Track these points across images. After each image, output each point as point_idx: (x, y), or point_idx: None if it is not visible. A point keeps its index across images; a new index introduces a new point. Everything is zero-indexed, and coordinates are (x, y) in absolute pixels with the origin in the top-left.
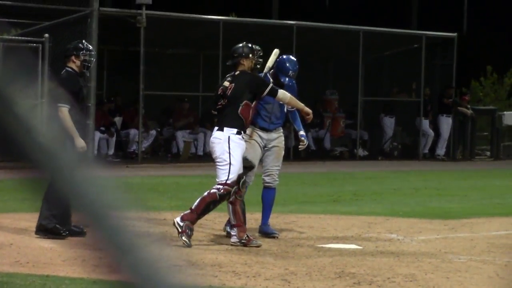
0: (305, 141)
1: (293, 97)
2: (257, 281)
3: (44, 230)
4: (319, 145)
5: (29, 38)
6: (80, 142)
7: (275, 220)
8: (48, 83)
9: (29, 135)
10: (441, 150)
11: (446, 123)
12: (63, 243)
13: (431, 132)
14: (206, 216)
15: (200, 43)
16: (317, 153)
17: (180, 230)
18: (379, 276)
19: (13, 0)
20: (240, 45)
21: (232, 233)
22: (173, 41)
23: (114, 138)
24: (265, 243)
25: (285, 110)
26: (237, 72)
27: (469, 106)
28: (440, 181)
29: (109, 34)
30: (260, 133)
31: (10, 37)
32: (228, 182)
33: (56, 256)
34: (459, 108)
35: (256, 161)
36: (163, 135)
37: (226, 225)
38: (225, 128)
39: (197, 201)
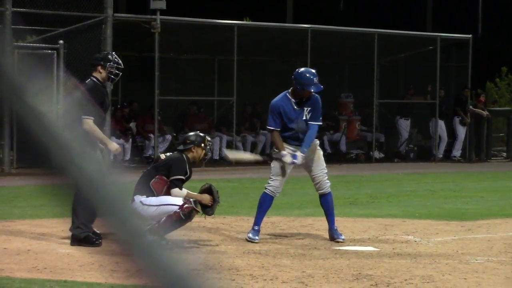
0: (297, 161)
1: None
2: (274, 284)
3: (77, 241)
4: (335, 148)
5: (44, 45)
6: (113, 146)
7: (292, 223)
8: (71, 89)
9: (57, 142)
10: (457, 152)
11: (462, 125)
12: (80, 249)
13: (444, 136)
14: (223, 220)
15: (215, 48)
16: (333, 156)
17: None
18: (396, 278)
19: (28, 7)
20: (193, 133)
21: None
22: (187, 46)
23: (130, 144)
24: (282, 245)
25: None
26: (175, 152)
27: (484, 107)
28: (456, 183)
29: (123, 40)
30: (293, 148)
31: (25, 43)
32: (184, 206)
33: (74, 262)
34: (474, 109)
35: (283, 173)
36: (178, 140)
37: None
38: (134, 197)
39: (165, 217)
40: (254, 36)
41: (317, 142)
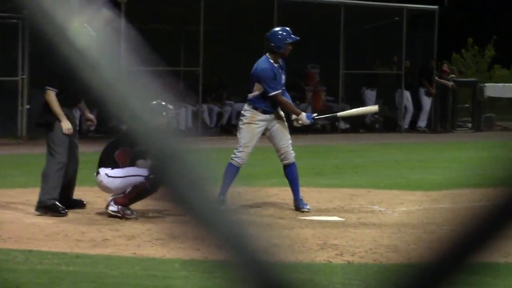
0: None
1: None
2: None
3: (43, 207)
4: None
5: (8, 15)
6: (66, 124)
7: (257, 193)
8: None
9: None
10: (422, 122)
11: (427, 96)
12: (46, 218)
13: (410, 107)
14: None
15: (181, 18)
16: (299, 127)
17: (120, 216)
18: (362, 247)
19: None
20: (154, 102)
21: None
22: (154, 17)
23: (95, 114)
24: (248, 215)
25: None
26: None
27: (452, 76)
28: (421, 153)
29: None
30: (261, 116)
31: None
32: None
33: (39, 231)
34: (440, 80)
35: (251, 143)
36: None
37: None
38: (99, 169)
39: (130, 188)
40: (221, 6)
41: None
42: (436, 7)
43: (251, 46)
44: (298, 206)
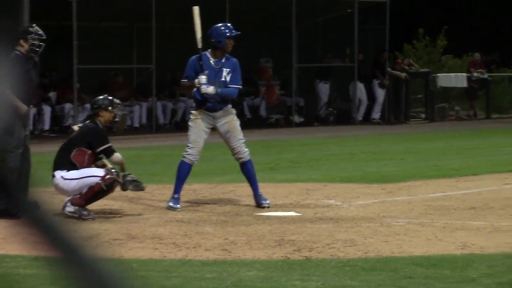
0: (209, 89)
1: (122, 160)
2: (197, 252)
3: None
4: (255, 113)
5: None
6: (22, 107)
7: (213, 190)
8: None
9: None
10: (376, 114)
11: (381, 87)
12: (1, 221)
13: (364, 99)
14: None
15: (133, 15)
16: (253, 122)
17: (77, 217)
18: (319, 242)
19: None
20: (101, 97)
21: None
22: (105, 14)
23: (49, 113)
24: (205, 212)
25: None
26: (87, 122)
27: (407, 67)
28: (376, 145)
29: (41, 9)
30: (206, 113)
31: None
32: (105, 177)
33: None
34: (393, 71)
35: (200, 139)
36: None
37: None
38: (54, 173)
39: (86, 189)
40: (172, 2)
41: (234, 111)
42: None
43: (204, 41)
44: (259, 202)
